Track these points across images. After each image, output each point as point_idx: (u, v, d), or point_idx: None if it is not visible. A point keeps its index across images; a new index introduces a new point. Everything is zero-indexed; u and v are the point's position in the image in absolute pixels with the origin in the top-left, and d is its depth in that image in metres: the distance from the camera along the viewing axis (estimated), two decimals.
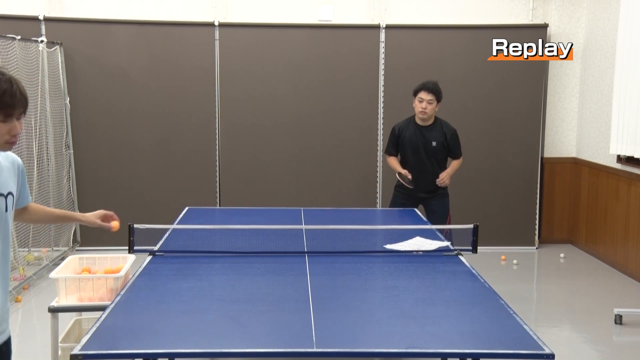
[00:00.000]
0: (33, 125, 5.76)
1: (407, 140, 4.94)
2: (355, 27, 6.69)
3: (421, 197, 4.98)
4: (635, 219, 5.81)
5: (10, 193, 2.18)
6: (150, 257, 3.28)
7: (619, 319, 4.75)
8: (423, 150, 4.90)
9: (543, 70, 6.78)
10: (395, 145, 5.02)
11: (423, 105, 4.81)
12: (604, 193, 6.42)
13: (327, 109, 6.72)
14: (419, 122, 4.92)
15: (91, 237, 6.56)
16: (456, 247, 3.51)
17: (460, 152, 5.05)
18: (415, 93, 4.88)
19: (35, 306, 5.08)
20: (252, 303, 2.60)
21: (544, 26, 6.69)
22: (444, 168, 5.00)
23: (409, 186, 4.85)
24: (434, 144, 4.90)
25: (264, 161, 6.76)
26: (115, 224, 2.75)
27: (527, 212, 6.92)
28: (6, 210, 2.15)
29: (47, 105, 6.07)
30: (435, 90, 4.81)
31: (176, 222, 4.23)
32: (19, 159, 2.31)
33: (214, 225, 3.97)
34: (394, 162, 5.04)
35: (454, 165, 5.03)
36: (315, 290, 2.77)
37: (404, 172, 4.86)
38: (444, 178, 4.88)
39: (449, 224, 4.87)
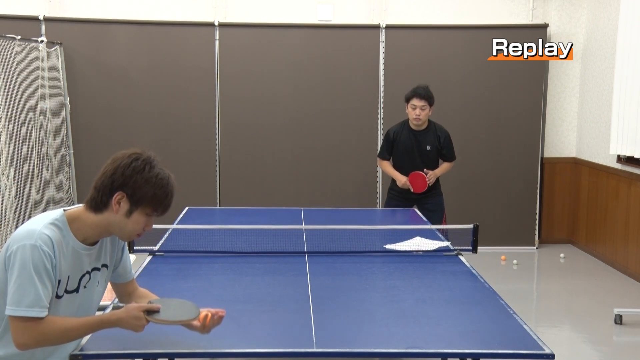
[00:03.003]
0: (33, 125, 5.76)
1: (401, 145, 4.95)
2: (355, 27, 6.69)
3: (415, 198, 4.99)
4: (635, 219, 5.81)
5: (105, 265, 2.17)
6: (150, 257, 3.28)
7: (619, 319, 4.75)
8: (417, 154, 4.92)
9: (543, 70, 6.78)
10: (389, 150, 5.04)
11: (417, 112, 4.81)
12: (604, 193, 6.42)
13: (327, 109, 6.72)
14: (413, 127, 4.93)
15: None
16: (456, 247, 3.51)
17: (453, 155, 5.04)
18: (408, 100, 4.87)
19: None
20: (252, 303, 2.60)
21: (544, 26, 6.69)
22: None
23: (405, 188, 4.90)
24: (428, 147, 4.91)
25: (264, 161, 6.75)
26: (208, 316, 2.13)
27: (527, 212, 6.91)
28: (98, 284, 2.14)
29: (47, 105, 6.06)
30: (427, 95, 4.80)
31: (176, 222, 4.22)
32: None
33: (214, 225, 3.97)
34: (388, 166, 5.07)
35: (443, 167, 5.01)
36: (315, 290, 2.77)
37: (403, 182, 4.88)
38: (430, 176, 4.88)
39: (445, 222, 4.89)
